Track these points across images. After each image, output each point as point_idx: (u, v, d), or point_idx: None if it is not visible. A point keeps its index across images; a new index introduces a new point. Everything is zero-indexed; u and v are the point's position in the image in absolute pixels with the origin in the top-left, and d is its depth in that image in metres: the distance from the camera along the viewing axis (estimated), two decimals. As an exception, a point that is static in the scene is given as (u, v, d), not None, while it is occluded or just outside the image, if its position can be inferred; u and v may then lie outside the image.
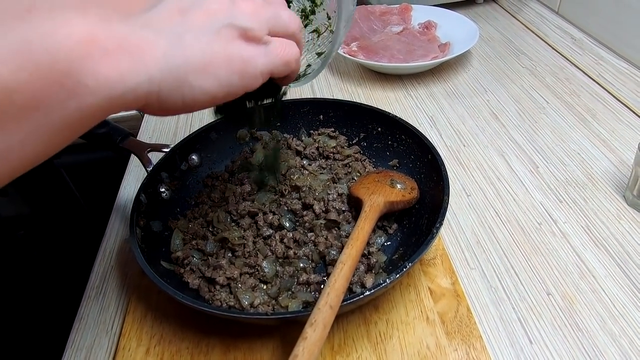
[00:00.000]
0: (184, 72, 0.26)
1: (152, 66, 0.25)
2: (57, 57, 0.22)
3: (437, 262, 0.47)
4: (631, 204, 0.54)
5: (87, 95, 0.23)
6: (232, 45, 0.28)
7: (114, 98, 0.24)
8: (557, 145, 0.63)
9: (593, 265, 0.48)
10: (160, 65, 0.25)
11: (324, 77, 0.81)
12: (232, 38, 0.28)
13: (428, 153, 0.50)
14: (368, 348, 0.40)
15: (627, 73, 0.75)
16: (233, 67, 0.28)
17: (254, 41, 0.29)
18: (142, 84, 0.25)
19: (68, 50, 0.22)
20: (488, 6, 1.02)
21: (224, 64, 0.28)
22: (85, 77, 0.23)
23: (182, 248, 0.48)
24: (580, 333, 0.42)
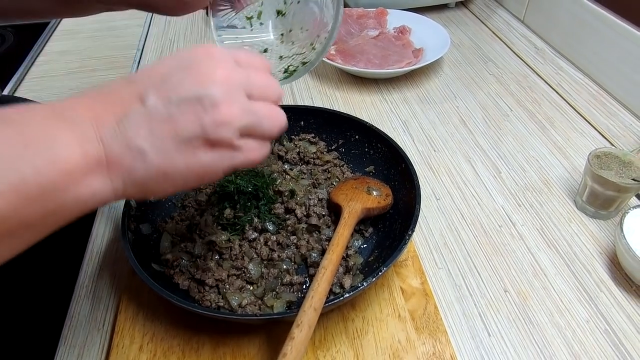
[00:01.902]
0: (144, 183, 0.30)
1: (116, 180, 0.29)
2: (46, 189, 0.26)
3: (408, 263, 0.51)
4: (580, 208, 0.60)
5: (66, 212, 0.28)
6: (194, 155, 0.30)
7: (86, 210, 0.29)
8: (518, 152, 0.69)
9: (545, 265, 0.53)
10: (123, 179, 0.29)
11: (304, 81, 0.84)
12: (197, 148, 0.29)
13: (402, 162, 0.54)
14: (346, 343, 0.45)
15: (583, 84, 0.81)
16: (191, 175, 0.30)
17: (221, 147, 0.30)
18: (109, 196, 0.29)
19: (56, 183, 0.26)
20: (459, 11, 1.07)
21: (182, 174, 0.30)
22: (67, 201, 0.27)
23: (171, 250, 0.51)
24: (531, 326, 0.48)
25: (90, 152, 0.28)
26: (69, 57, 0.93)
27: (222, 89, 0.30)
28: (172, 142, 0.29)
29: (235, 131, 0.30)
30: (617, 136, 0.70)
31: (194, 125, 0.29)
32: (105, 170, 0.28)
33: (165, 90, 0.30)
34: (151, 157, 0.29)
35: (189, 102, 0.29)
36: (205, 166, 0.30)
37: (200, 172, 0.31)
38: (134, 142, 0.28)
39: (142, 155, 0.29)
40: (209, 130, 0.29)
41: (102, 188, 0.29)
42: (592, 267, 0.53)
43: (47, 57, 0.94)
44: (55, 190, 0.27)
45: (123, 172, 0.29)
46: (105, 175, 0.28)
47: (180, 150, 0.29)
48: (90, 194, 0.28)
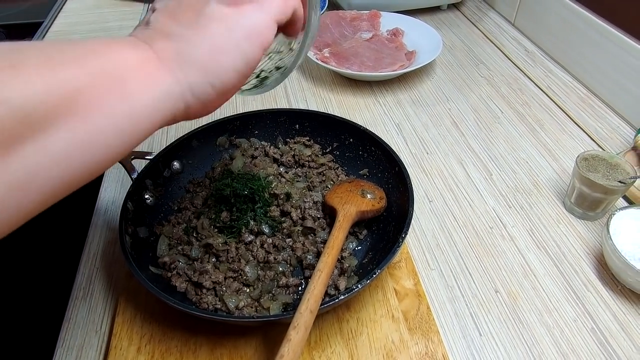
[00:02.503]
0: (199, 62, 0.30)
1: (172, 67, 0.29)
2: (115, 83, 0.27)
3: (402, 265, 0.52)
4: (569, 210, 0.61)
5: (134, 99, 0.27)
6: (224, 18, 0.30)
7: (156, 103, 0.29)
8: (509, 154, 0.70)
9: (535, 265, 0.55)
10: (178, 64, 0.29)
11: (298, 83, 0.85)
12: (221, 12, 0.30)
13: (395, 165, 0.55)
14: (341, 343, 0.46)
15: (572, 87, 0.83)
16: (236, 36, 0.30)
17: (242, 3, 0.31)
18: (172, 85, 0.29)
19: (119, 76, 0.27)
20: (451, 13, 1.08)
21: (226, 38, 0.30)
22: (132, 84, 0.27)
23: (168, 253, 0.52)
24: (521, 325, 0.49)
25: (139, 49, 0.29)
26: (62, 58, 0.93)
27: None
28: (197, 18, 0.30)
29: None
30: (604, 138, 0.72)
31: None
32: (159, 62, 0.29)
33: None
34: (189, 34, 0.30)
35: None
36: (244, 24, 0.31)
37: (244, 31, 0.31)
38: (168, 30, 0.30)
39: (180, 36, 0.30)
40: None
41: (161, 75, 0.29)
42: (580, 267, 0.54)
43: (41, 58, 0.93)
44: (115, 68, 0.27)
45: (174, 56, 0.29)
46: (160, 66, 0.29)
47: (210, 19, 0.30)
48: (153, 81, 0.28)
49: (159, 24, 0.31)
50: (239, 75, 0.31)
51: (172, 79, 0.29)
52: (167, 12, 0.31)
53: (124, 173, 0.64)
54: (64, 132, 0.24)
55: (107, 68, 0.27)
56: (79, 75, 0.25)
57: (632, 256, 0.49)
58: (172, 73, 0.29)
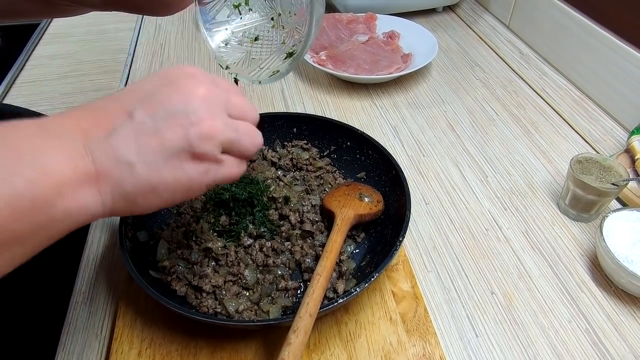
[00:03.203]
0: (132, 197, 0.30)
1: (104, 193, 0.30)
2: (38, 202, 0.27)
3: (399, 267, 0.53)
4: (563, 212, 0.62)
5: (56, 226, 0.28)
6: (181, 168, 0.31)
7: (76, 224, 0.29)
8: (504, 156, 0.71)
9: (530, 267, 0.56)
10: (111, 193, 0.30)
11: (295, 85, 0.85)
12: (183, 161, 0.31)
13: (392, 169, 0.56)
14: (339, 346, 0.46)
15: (566, 89, 0.84)
16: (178, 188, 0.31)
17: (205, 160, 0.32)
18: (98, 210, 0.30)
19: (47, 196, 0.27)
20: (447, 15, 1.09)
21: (169, 187, 0.31)
22: (57, 215, 0.28)
23: (167, 257, 0.52)
24: (517, 326, 0.50)
25: (79, 165, 0.28)
26: (59, 61, 0.93)
27: (206, 104, 0.31)
28: (160, 155, 0.30)
29: (218, 145, 0.32)
30: (598, 141, 0.73)
31: (180, 138, 0.30)
32: (95, 184, 0.29)
33: (151, 105, 0.31)
34: (139, 170, 0.30)
35: (175, 116, 0.30)
36: (192, 179, 0.31)
37: (186, 185, 0.32)
38: (123, 156, 0.29)
39: (130, 168, 0.29)
40: (195, 143, 0.30)
41: (92, 202, 0.29)
42: (574, 268, 0.55)
43: (37, 61, 0.93)
44: (46, 203, 0.27)
45: (112, 185, 0.30)
46: (94, 188, 0.29)
47: (168, 163, 0.30)
48: (81, 207, 0.29)
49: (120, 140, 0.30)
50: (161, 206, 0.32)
51: (100, 205, 0.30)
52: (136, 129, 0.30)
53: (122, 177, 0.64)
54: None
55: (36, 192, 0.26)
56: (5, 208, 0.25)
57: (625, 258, 0.50)
58: (101, 199, 0.30)
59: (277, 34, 0.52)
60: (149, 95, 0.31)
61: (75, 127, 0.30)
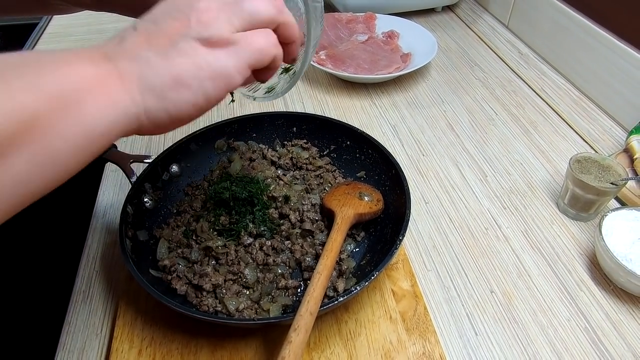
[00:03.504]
0: (160, 90, 0.30)
1: (132, 89, 0.30)
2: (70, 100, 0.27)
3: (399, 266, 0.53)
4: (562, 211, 0.62)
5: (90, 120, 0.28)
6: (196, 56, 0.31)
7: (112, 122, 0.29)
8: (503, 156, 0.71)
9: (529, 265, 0.56)
10: (138, 87, 0.30)
11: (295, 85, 0.85)
12: (195, 49, 0.31)
13: (392, 168, 0.56)
14: (340, 344, 0.47)
15: (565, 89, 0.84)
16: (202, 75, 0.31)
17: (219, 45, 0.31)
18: (129, 106, 0.30)
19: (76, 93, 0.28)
20: (446, 15, 1.09)
21: (192, 74, 0.31)
22: (88, 105, 0.28)
23: (168, 256, 0.52)
24: (516, 325, 0.50)
25: (101, 66, 0.29)
26: (58, 60, 0.93)
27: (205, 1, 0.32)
28: (170, 48, 0.30)
29: (224, 24, 0.31)
30: (597, 140, 0.73)
31: (183, 28, 0.31)
32: (119, 81, 0.29)
33: (152, 15, 0.32)
34: (156, 61, 0.30)
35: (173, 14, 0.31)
36: (214, 66, 0.31)
37: (212, 73, 0.31)
38: (137, 53, 0.30)
39: (147, 61, 0.30)
40: (199, 29, 0.31)
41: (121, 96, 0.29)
42: (573, 267, 0.55)
43: (36, 60, 0.93)
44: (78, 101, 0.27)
45: (135, 79, 0.30)
46: (119, 84, 0.29)
47: (182, 53, 0.30)
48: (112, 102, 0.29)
49: (131, 44, 0.31)
50: (196, 109, 0.32)
51: (129, 100, 0.30)
52: (144, 34, 0.31)
53: (122, 176, 0.64)
54: (24, 156, 0.26)
55: (65, 89, 0.27)
56: (37, 99, 0.26)
57: (624, 256, 0.50)
58: (130, 94, 0.30)
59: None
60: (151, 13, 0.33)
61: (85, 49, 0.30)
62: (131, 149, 0.72)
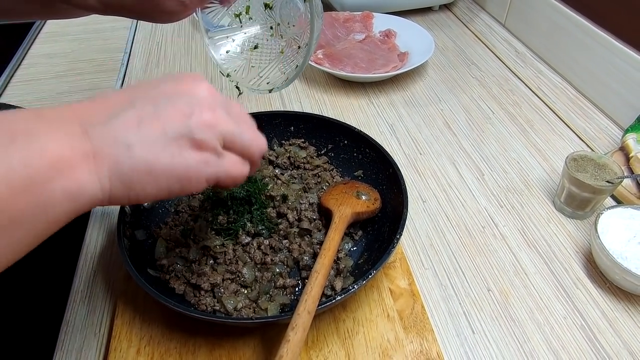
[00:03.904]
0: (129, 179, 0.30)
1: (102, 174, 0.29)
2: (35, 180, 0.26)
3: (396, 264, 0.53)
4: (558, 209, 0.63)
5: (55, 208, 0.28)
6: (180, 155, 0.30)
7: (76, 207, 0.29)
8: (500, 154, 0.71)
9: (525, 264, 0.56)
10: (109, 173, 0.29)
11: (292, 84, 0.85)
12: (182, 148, 0.30)
13: (389, 167, 0.56)
14: (337, 343, 0.47)
15: (562, 87, 0.84)
16: (174, 175, 0.31)
17: (206, 150, 0.31)
18: (97, 192, 0.29)
19: (43, 174, 0.27)
20: (443, 14, 1.09)
21: (166, 172, 0.30)
22: (55, 195, 0.27)
23: (166, 255, 0.52)
24: (513, 323, 0.50)
25: (76, 145, 0.28)
26: (55, 60, 0.92)
27: (208, 98, 0.32)
28: (159, 138, 0.30)
29: (219, 135, 0.32)
30: (593, 138, 0.74)
31: (181, 123, 0.30)
32: (92, 164, 0.29)
33: (154, 95, 0.31)
34: (138, 151, 0.29)
35: (177, 104, 0.31)
36: (190, 168, 0.31)
37: (183, 174, 0.31)
38: (122, 137, 0.29)
39: (128, 149, 0.29)
40: (195, 129, 0.30)
41: (90, 182, 0.29)
42: (570, 265, 0.56)
43: (33, 60, 0.93)
44: (43, 182, 0.27)
45: (109, 165, 0.29)
46: (92, 168, 0.29)
47: (167, 148, 0.30)
48: (78, 187, 0.28)
49: (121, 124, 0.30)
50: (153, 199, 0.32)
51: (98, 187, 0.29)
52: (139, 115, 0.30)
53: (120, 176, 0.64)
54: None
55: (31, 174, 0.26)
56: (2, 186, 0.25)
57: (620, 254, 0.51)
58: (99, 180, 0.29)
59: (276, 43, 0.53)
60: (153, 87, 0.32)
61: (72, 113, 0.29)
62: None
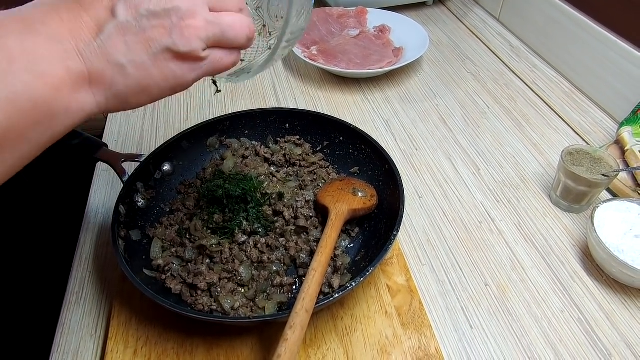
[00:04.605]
0: (124, 96, 0.32)
1: (99, 94, 0.31)
2: (39, 102, 0.29)
3: (394, 261, 0.53)
4: (555, 203, 0.63)
5: (58, 125, 0.30)
6: (167, 67, 0.32)
7: (76, 120, 0.31)
8: (496, 149, 0.71)
9: (522, 258, 0.56)
10: (105, 92, 0.31)
11: (287, 81, 0.85)
12: (169, 60, 0.32)
13: (385, 163, 0.56)
14: (336, 340, 0.47)
15: (556, 81, 0.84)
16: (166, 86, 0.33)
17: (191, 59, 0.33)
18: (94, 108, 0.32)
19: (47, 95, 0.29)
20: (437, 9, 1.09)
21: (158, 85, 0.33)
22: (58, 114, 0.30)
23: (161, 255, 0.52)
24: (510, 317, 0.50)
25: (73, 67, 0.30)
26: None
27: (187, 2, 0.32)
28: (147, 56, 0.31)
29: (200, 43, 0.32)
30: (588, 132, 0.74)
31: (164, 38, 0.31)
32: (88, 86, 0.31)
33: (132, 2, 0.31)
34: (130, 71, 0.31)
35: (157, 16, 0.31)
36: (178, 76, 0.33)
37: (173, 82, 0.33)
38: (114, 58, 0.31)
39: (121, 69, 0.31)
40: (178, 43, 0.31)
41: (88, 101, 0.31)
42: (566, 259, 0.56)
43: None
44: (47, 103, 0.29)
45: (105, 86, 0.31)
46: (88, 89, 0.31)
47: (155, 63, 0.31)
48: (78, 106, 0.31)
49: (109, 42, 0.30)
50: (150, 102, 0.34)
51: (95, 105, 0.32)
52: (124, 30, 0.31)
53: (113, 176, 0.64)
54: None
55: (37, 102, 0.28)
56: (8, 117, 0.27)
57: (616, 247, 0.51)
58: (96, 99, 0.31)
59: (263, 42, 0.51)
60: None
61: (61, 26, 0.30)
62: (122, 148, 0.71)
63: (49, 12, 0.30)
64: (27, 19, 0.30)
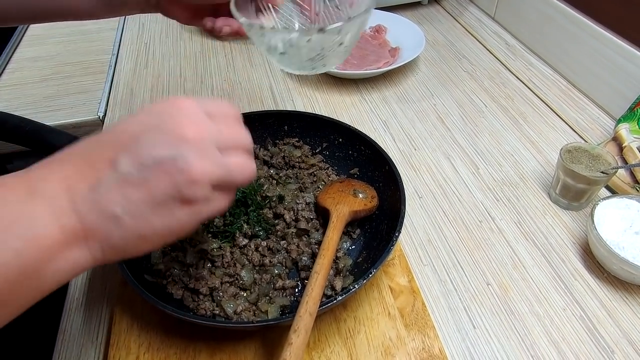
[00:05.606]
0: (122, 247, 0.30)
1: (94, 248, 0.29)
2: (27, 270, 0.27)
3: (395, 262, 0.53)
4: (554, 201, 0.63)
5: (45, 286, 0.29)
6: (170, 215, 0.30)
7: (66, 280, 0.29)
8: (494, 148, 0.71)
9: (523, 256, 0.56)
10: (101, 245, 0.30)
11: (284, 83, 0.84)
12: (173, 208, 0.30)
13: (385, 164, 0.56)
14: (339, 343, 0.46)
15: (553, 79, 0.84)
16: (169, 233, 0.31)
17: (196, 203, 0.31)
18: (89, 264, 0.30)
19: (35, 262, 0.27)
20: (432, 8, 1.09)
21: (159, 233, 0.30)
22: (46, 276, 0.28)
23: (162, 260, 0.51)
24: (513, 316, 0.50)
25: (67, 225, 0.28)
26: (40, 63, 0.90)
27: (194, 147, 0.30)
28: (147, 205, 0.29)
29: (208, 187, 0.31)
30: (585, 129, 0.74)
31: (168, 187, 0.29)
32: (83, 241, 0.29)
33: (136, 152, 0.29)
34: (126, 221, 0.29)
35: (161, 164, 0.29)
36: (182, 222, 0.31)
37: (176, 229, 0.31)
38: (108, 209, 0.29)
39: (117, 221, 0.29)
40: (184, 190, 0.29)
41: (81, 258, 0.29)
42: (567, 256, 0.56)
43: (18, 64, 0.91)
44: (36, 269, 0.27)
45: (100, 239, 0.29)
46: (83, 245, 0.29)
47: (156, 212, 0.30)
48: (70, 266, 0.29)
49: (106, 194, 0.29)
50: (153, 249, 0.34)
51: (90, 259, 0.30)
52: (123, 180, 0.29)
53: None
54: None
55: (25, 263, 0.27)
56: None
57: (616, 244, 0.51)
58: (92, 253, 0.30)
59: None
60: (134, 139, 0.30)
61: (60, 182, 0.29)
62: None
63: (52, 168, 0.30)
64: (30, 177, 0.29)
